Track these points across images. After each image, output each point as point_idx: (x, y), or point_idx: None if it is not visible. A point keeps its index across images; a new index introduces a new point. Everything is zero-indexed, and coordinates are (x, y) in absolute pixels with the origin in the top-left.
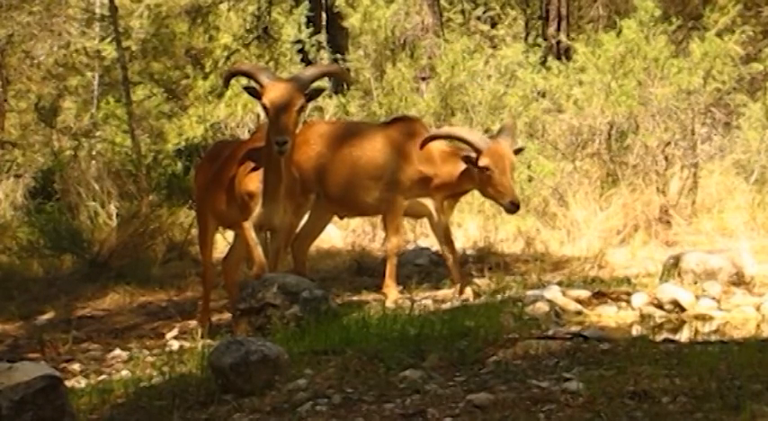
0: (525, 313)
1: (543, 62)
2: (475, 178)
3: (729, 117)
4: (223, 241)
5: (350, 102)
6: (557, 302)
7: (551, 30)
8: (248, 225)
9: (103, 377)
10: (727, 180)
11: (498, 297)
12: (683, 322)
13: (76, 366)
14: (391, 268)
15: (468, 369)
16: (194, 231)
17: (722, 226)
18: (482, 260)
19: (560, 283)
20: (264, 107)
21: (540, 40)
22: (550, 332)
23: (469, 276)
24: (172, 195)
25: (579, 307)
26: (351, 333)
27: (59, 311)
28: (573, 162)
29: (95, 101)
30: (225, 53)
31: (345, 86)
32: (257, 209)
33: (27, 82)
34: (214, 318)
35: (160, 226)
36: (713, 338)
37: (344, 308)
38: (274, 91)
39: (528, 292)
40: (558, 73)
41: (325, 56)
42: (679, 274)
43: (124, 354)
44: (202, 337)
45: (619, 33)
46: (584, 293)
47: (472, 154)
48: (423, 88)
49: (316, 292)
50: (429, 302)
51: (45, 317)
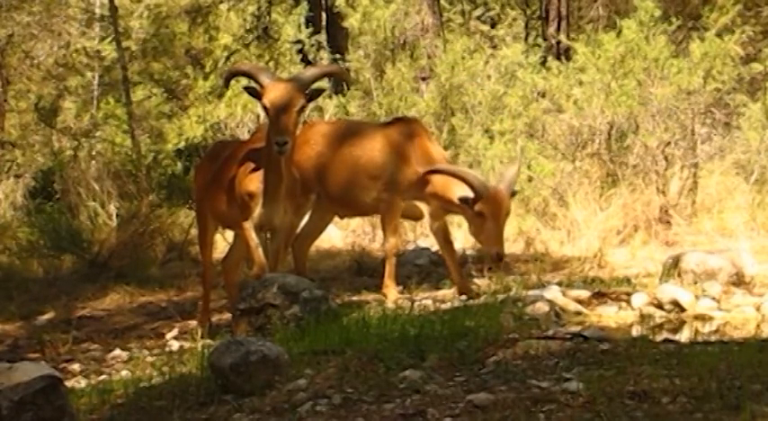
0: (525, 313)
1: (543, 62)
2: (467, 214)
3: (729, 117)
4: (223, 241)
5: (350, 102)
6: (557, 302)
7: (551, 30)
8: (248, 225)
9: (103, 377)
10: (727, 180)
11: (498, 297)
12: (683, 322)
13: (76, 366)
14: (390, 268)
15: (468, 369)
16: (194, 231)
17: (722, 226)
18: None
19: (560, 283)
20: (265, 107)
21: (540, 41)
22: (550, 332)
23: (469, 276)
24: (172, 195)
25: (579, 307)
26: (351, 333)
27: (59, 311)
28: (573, 162)
29: (95, 101)
30: (225, 53)
31: (345, 86)
32: (257, 209)
33: (27, 82)
34: (214, 319)
35: (160, 226)
36: (713, 338)
37: (344, 308)
38: (274, 91)
39: (528, 292)
40: (558, 73)
41: (324, 56)
42: (679, 274)
43: (124, 355)
44: (202, 337)
45: (619, 33)
46: (584, 293)
47: (470, 195)
48: (422, 88)
49: (316, 292)
50: (429, 302)
51: (45, 317)
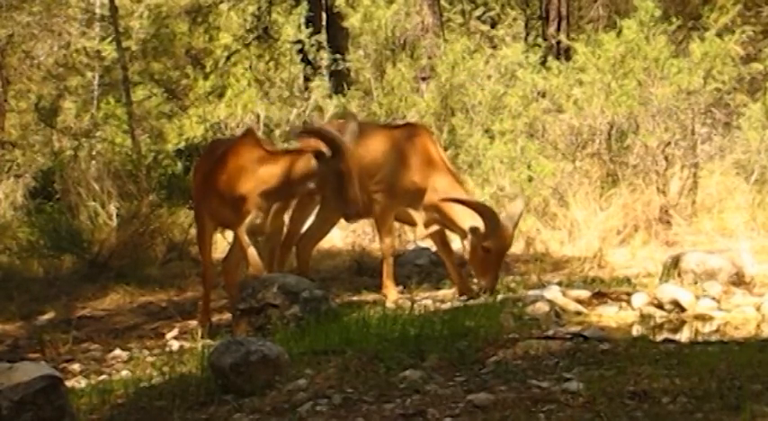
0: (525, 313)
1: (543, 62)
2: (472, 244)
3: (729, 117)
4: (223, 241)
5: (350, 102)
6: (557, 302)
7: (551, 30)
8: (242, 227)
9: (103, 377)
10: (727, 180)
11: (498, 297)
12: (684, 322)
13: (76, 366)
14: (388, 269)
15: (468, 369)
16: (194, 231)
17: (722, 226)
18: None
19: (560, 283)
20: (341, 173)
21: (540, 41)
22: (550, 332)
23: (469, 277)
24: (172, 195)
25: (579, 307)
26: (351, 333)
27: (59, 311)
28: (573, 162)
29: (95, 101)
30: (225, 53)
31: (346, 86)
32: (250, 215)
33: (27, 82)
34: (214, 318)
35: (160, 226)
36: (713, 338)
37: (344, 308)
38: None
39: (528, 292)
40: (558, 73)
41: (325, 56)
42: (679, 274)
43: (124, 355)
44: (202, 337)
45: (619, 33)
46: (584, 293)
47: (481, 227)
48: (423, 88)
49: (316, 292)
50: (429, 302)
51: (45, 317)
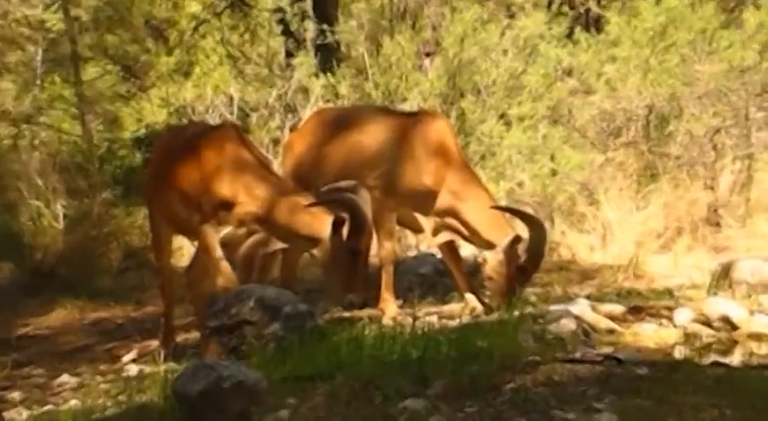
0: (548, 332)
1: (569, 34)
2: (505, 259)
3: None
4: (190, 246)
5: (340, 81)
6: (585, 319)
7: None
8: (210, 231)
9: (48, 407)
10: None
11: (516, 313)
12: (735, 342)
13: (16, 394)
14: (387, 279)
15: (480, 398)
16: None
17: None
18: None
19: (589, 296)
20: (358, 255)
21: (566, 9)
22: (578, 354)
23: (481, 288)
24: (129, 192)
25: (612, 324)
26: (341, 355)
27: None
28: (605, 153)
29: (39, 80)
30: (192, 24)
31: (335, 63)
32: (229, 225)
33: None
34: (179, 338)
35: (115, 229)
36: None
37: (334, 325)
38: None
39: (551, 307)
40: (587, 47)
41: (310, 27)
42: (730, 286)
43: (73, 381)
44: (165, 360)
45: (659, 0)
46: (617, 308)
47: (523, 240)
48: (426, 65)
49: (300, 307)
50: (434, 319)
51: None
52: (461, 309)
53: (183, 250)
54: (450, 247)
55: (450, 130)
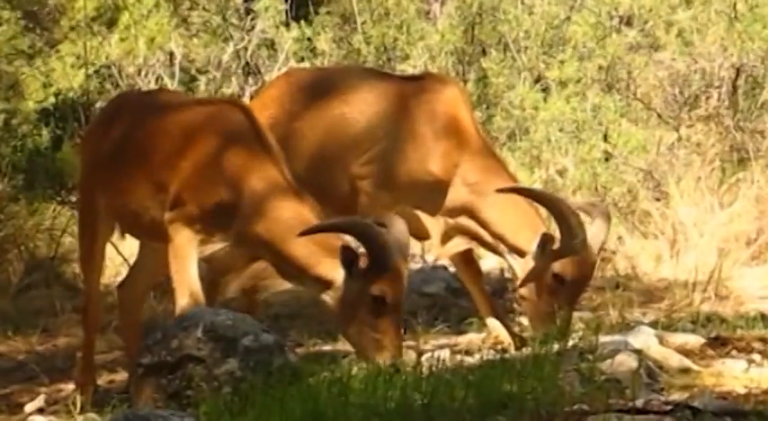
0: (600, 371)
1: None
2: (525, 262)
3: None
4: (116, 256)
5: (319, 33)
6: (650, 354)
7: None
8: (187, 234)
9: None
10: None
11: (556, 345)
12: None
13: None
14: None
15: None
16: (71, 239)
17: None
18: None
19: (656, 324)
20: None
21: None
22: (640, 402)
23: (509, 313)
24: (34, 183)
25: (686, 361)
26: (321, 403)
27: None
28: (677, 130)
29: None
30: None
31: (311, 9)
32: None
33: None
34: (102, 380)
35: (15, 232)
36: None
37: (310, 362)
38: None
39: (604, 338)
40: None
41: None
42: None
43: None
44: (83, 410)
45: None
46: (693, 340)
47: (554, 240)
48: (435, 12)
49: (264, 339)
50: (446, 354)
51: None
52: (482, 341)
53: (109, 261)
54: (466, 258)
55: (465, 100)
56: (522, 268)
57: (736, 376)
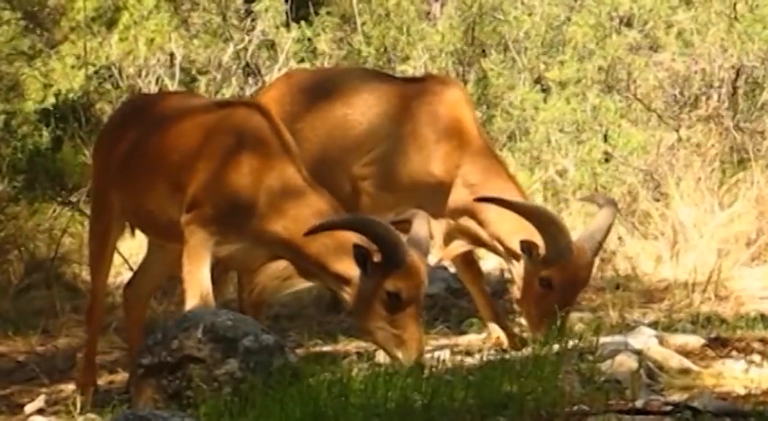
0: (599, 372)
1: None
2: (524, 271)
3: None
4: (117, 257)
5: (319, 34)
6: (650, 355)
7: None
8: (203, 235)
9: None
10: None
11: (556, 347)
12: None
13: None
14: None
15: None
16: (71, 240)
17: None
18: None
19: (656, 324)
20: (397, 295)
21: None
22: (640, 402)
23: (509, 314)
24: (34, 184)
25: (686, 362)
26: (321, 404)
27: None
28: (676, 131)
29: None
30: None
31: (312, 10)
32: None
33: None
34: (103, 380)
35: (15, 233)
36: None
37: (310, 363)
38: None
39: (604, 339)
40: None
41: None
42: None
43: None
44: (84, 411)
45: None
46: (693, 340)
47: (540, 245)
48: (435, 12)
49: (264, 339)
50: (446, 354)
51: None
52: (482, 342)
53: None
54: (466, 260)
55: (467, 101)
56: (518, 271)
57: (735, 377)
